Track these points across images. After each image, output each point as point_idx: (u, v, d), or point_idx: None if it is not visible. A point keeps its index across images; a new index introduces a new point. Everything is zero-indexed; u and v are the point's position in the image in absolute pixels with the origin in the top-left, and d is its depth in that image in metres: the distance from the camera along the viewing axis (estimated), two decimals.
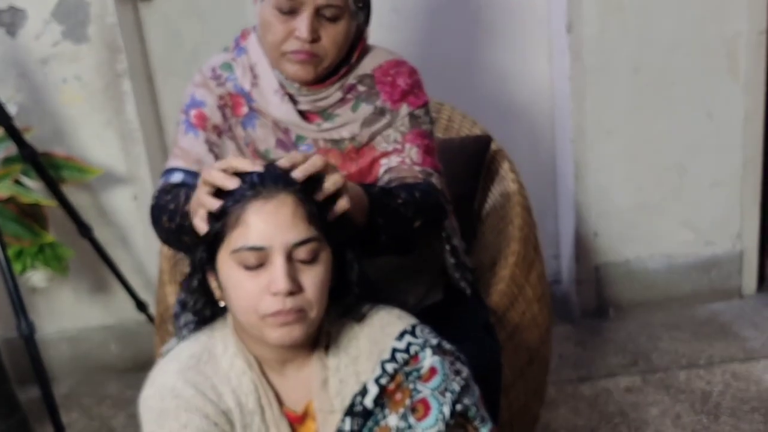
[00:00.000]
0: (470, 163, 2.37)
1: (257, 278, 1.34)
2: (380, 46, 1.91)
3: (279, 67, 1.77)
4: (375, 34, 1.94)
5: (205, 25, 2.92)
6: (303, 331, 1.36)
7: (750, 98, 2.92)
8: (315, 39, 1.70)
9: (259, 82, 1.80)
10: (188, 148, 1.79)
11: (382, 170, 1.81)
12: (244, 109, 1.82)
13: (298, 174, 1.38)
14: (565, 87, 2.92)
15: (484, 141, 2.41)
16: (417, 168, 1.80)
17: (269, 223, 1.34)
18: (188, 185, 1.69)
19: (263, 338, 1.37)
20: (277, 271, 1.33)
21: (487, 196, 2.39)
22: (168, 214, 1.65)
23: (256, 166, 1.38)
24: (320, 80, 1.78)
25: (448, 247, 1.82)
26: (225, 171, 1.38)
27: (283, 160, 1.40)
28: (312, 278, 1.36)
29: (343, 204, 1.43)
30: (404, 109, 1.84)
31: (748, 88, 2.90)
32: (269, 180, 1.36)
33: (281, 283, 1.32)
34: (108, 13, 2.73)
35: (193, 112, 1.82)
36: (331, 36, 1.72)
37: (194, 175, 1.74)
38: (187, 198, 1.55)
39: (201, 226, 1.40)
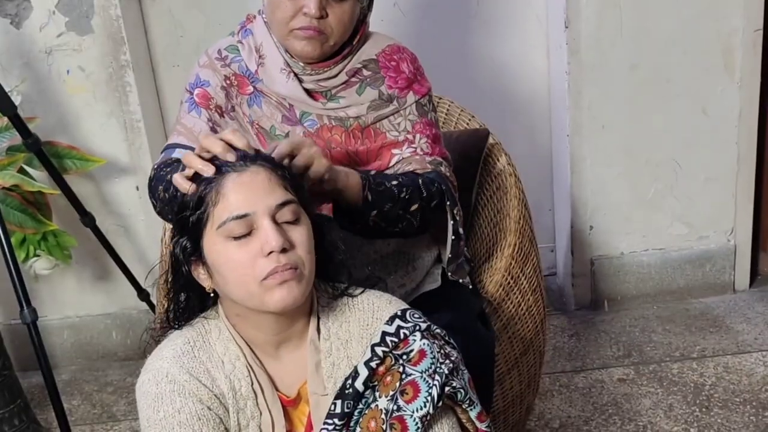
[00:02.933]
0: (468, 155, 2.39)
1: (247, 246, 1.37)
2: (379, 32, 1.95)
3: (286, 43, 1.80)
4: (375, 27, 1.97)
5: (208, 17, 2.95)
6: (300, 291, 1.39)
7: (745, 95, 2.95)
8: (322, 16, 1.75)
9: (264, 62, 1.84)
10: (191, 126, 1.83)
11: (395, 160, 1.86)
12: (250, 89, 1.85)
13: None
14: (562, 82, 2.95)
15: (482, 134, 2.42)
16: (427, 158, 1.86)
17: (248, 191, 1.38)
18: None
19: (263, 306, 1.39)
20: (266, 232, 1.36)
21: (484, 188, 2.40)
22: (164, 184, 1.69)
23: (243, 140, 1.43)
24: (324, 59, 1.82)
25: (453, 237, 1.85)
26: (221, 141, 1.43)
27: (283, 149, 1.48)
28: (299, 236, 1.40)
29: (318, 166, 1.51)
30: (411, 97, 1.88)
31: (743, 85, 2.93)
32: (239, 158, 1.41)
33: (273, 240, 1.35)
34: (112, 5, 2.75)
35: (197, 91, 1.85)
36: (338, 14, 1.76)
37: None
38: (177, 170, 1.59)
39: (181, 183, 1.43)
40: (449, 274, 1.91)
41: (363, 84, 1.86)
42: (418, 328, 1.47)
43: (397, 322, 1.48)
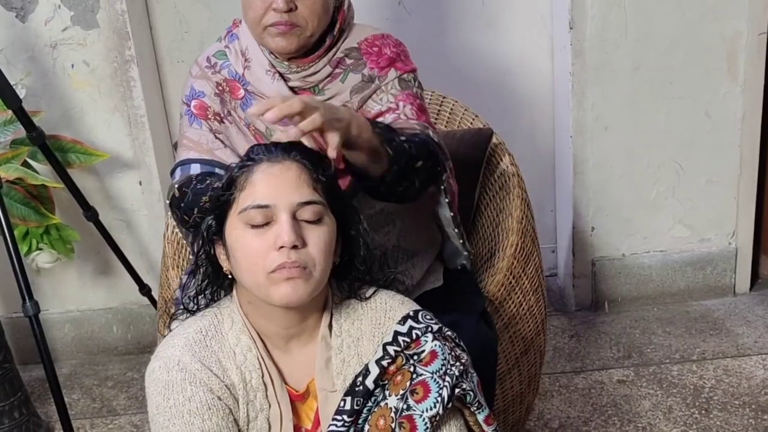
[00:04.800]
0: (471, 155, 2.39)
1: (264, 236, 1.39)
2: (364, 24, 1.95)
3: (263, 42, 1.81)
4: (381, 26, 1.97)
5: (213, 13, 2.95)
6: (307, 291, 1.40)
7: (748, 98, 2.95)
8: (291, 9, 1.75)
9: (250, 65, 1.86)
10: (196, 139, 1.84)
11: None
12: (241, 92, 1.87)
13: (270, 115, 1.42)
14: (565, 83, 2.96)
15: (486, 134, 2.43)
16: (413, 121, 1.85)
17: (275, 184, 1.40)
18: (209, 174, 1.75)
19: (269, 299, 1.40)
20: (282, 226, 1.38)
21: (487, 188, 2.41)
22: (211, 192, 1.67)
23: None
24: (307, 54, 1.83)
25: (450, 214, 1.86)
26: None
27: (257, 108, 1.44)
28: (316, 236, 1.41)
29: (333, 139, 1.46)
30: (392, 73, 1.89)
31: (746, 88, 2.93)
32: (275, 148, 1.44)
33: (285, 235, 1.37)
34: (117, 0, 2.75)
35: (194, 103, 1.87)
36: (308, 5, 1.76)
37: (210, 163, 1.79)
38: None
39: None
40: (452, 247, 1.91)
41: (346, 71, 1.87)
42: (430, 329, 1.48)
43: (410, 322, 1.49)
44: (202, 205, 1.70)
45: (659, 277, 3.16)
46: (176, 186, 1.79)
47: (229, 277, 1.49)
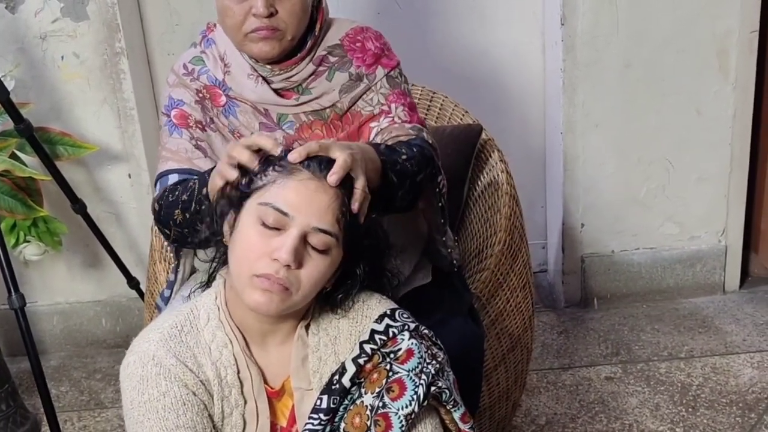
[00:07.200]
0: (460, 151, 2.39)
1: (267, 239, 1.38)
2: (341, 17, 1.94)
3: (244, 49, 1.79)
4: (373, 21, 1.96)
5: (203, 5, 2.93)
6: (279, 308, 1.40)
7: (739, 96, 2.95)
8: (272, 13, 1.73)
9: (231, 70, 1.83)
10: (176, 149, 1.81)
11: (374, 133, 1.85)
12: (223, 99, 1.84)
13: (293, 156, 1.42)
14: (556, 79, 2.95)
15: (475, 130, 2.43)
16: (407, 125, 1.84)
17: (304, 198, 1.39)
18: (183, 182, 1.73)
19: (242, 296, 1.41)
20: (287, 242, 1.37)
21: (476, 184, 2.41)
22: (181, 206, 1.66)
23: (278, 147, 1.44)
24: (289, 56, 1.81)
25: (440, 204, 1.85)
26: (249, 148, 1.44)
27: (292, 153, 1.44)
28: (314, 265, 1.40)
29: (360, 183, 1.45)
30: (380, 71, 1.87)
31: (737, 86, 2.93)
32: (324, 166, 1.41)
33: (285, 253, 1.36)
34: None
35: (174, 112, 1.84)
36: (287, 8, 1.74)
37: (188, 172, 1.77)
38: (202, 184, 1.59)
39: (229, 172, 1.45)
40: (440, 239, 1.91)
41: (332, 70, 1.85)
42: (406, 327, 1.48)
43: (386, 320, 1.49)
44: (176, 220, 1.67)
45: (648, 274, 3.16)
46: (155, 199, 1.77)
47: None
